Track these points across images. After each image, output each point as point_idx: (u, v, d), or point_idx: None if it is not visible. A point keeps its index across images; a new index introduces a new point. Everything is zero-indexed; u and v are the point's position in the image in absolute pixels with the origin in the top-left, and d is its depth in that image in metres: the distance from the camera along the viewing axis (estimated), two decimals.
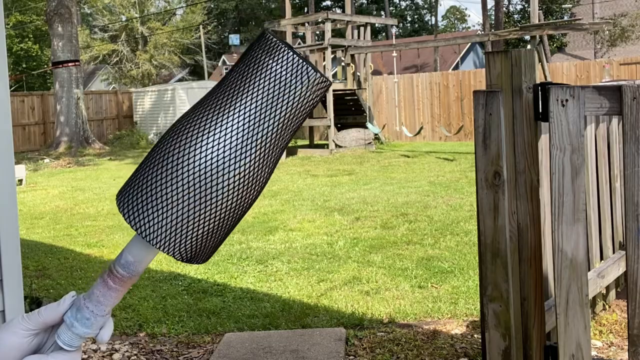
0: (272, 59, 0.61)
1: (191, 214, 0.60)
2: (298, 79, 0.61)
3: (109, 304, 0.65)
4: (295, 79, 0.61)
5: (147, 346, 3.71)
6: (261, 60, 0.61)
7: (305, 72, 0.61)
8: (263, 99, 0.60)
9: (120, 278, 0.65)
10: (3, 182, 2.22)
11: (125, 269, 0.64)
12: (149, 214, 0.60)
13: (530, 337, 2.42)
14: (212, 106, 0.61)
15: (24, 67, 34.74)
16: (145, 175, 0.62)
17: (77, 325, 0.65)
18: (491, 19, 34.59)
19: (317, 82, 0.61)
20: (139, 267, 0.65)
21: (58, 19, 18.68)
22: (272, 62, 0.61)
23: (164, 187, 0.60)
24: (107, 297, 0.65)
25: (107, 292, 0.65)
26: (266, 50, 0.61)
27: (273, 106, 0.60)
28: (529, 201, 2.39)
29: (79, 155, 17.92)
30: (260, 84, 0.61)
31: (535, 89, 2.37)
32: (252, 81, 0.61)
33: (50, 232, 7.31)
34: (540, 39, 14.39)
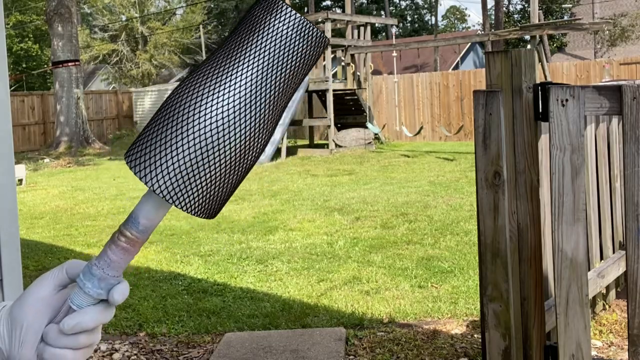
0: (275, 18, 0.63)
1: (203, 168, 0.62)
2: (301, 36, 0.63)
3: (122, 265, 0.66)
4: (298, 36, 0.63)
5: (147, 346, 3.71)
6: (264, 19, 0.64)
7: (308, 30, 0.63)
8: (269, 55, 0.63)
9: (134, 239, 0.65)
10: (3, 182, 2.22)
11: (134, 227, 0.65)
12: (160, 168, 0.62)
13: (530, 337, 2.42)
14: (219, 63, 0.64)
15: (24, 67, 34.74)
16: (154, 130, 0.63)
17: (89, 285, 0.66)
18: (491, 19, 34.59)
19: (319, 40, 0.64)
20: (148, 224, 0.65)
21: (58, 18, 18.68)
22: (275, 21, 0.63)
23: (173, 140, 0.62)
24: (117, 256, 0.66)
25: (117, 250, 0.66)
26: (268, 9, 0.64)
27: (278, 62, 0.63)
28: (529, 201, 2.39)
29: (79, 155, 17.92)
30: (265, 41, 0.63)
31: (535, 88, 2.37)
32: (257, 39, 0.63)
33: (50, 232, 7.31)
34: (540, 39, 14.39)
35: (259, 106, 0.63)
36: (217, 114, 0.62)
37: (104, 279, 0.66)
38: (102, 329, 0.74)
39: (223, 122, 0.61)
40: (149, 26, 34.14)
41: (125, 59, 33.23)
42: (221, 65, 0.63)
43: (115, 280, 0.67)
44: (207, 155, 0.62)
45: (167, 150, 0.62)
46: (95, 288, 0.66)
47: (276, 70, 0.63)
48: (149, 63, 33.27)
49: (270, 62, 0.63)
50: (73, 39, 19.00)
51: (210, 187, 0.63)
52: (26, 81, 34.77)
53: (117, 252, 0.66)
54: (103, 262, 0.66)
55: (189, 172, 0.62)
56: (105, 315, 0.67)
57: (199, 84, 0.63)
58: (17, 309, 0.68)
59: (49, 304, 0.68)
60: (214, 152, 0.62)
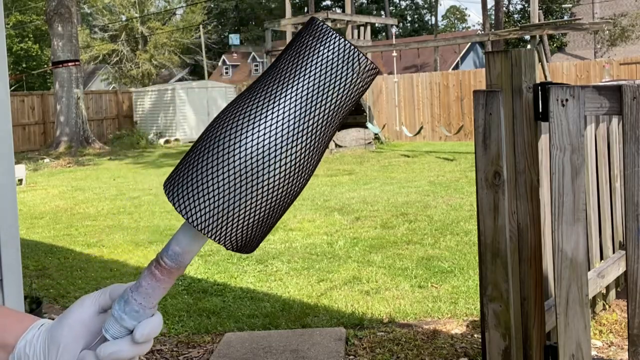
0: (322, 45, 0.60)
1: (242, 201, 0.59)
2: (349, 65, 0.60)
3: (156, 295, 0.65)
4: (346, 65, 0.60)
5: None
6: (311, 46, 0.61)
7: (356, 58, 0.60)
8: (314, 84, 0.60)
9: (168, 269, 0.64)
10: (3, 182, 2.22)
11: (172, 260, 0.63)
12: (198, 201, 0.59)
13: (530, 337, 2.42)
14: (262, 92, 0.61)
15: (24, 67, 34.74)
16: (195, 162, 0.61)
17: (126, 318, 0.64)
18: (491, 19, 34.58)
19: (367, 69, 0.61)
20: (186, 257, 0.64)
21: (58, 18, 18.68)
22: (322, 48, 0.60)
23: (215, 174, 0.59)
24: (154, 289, 0.64)
25: (155, 283, 0.64)
26: (316, 36, 0.61)
27: (324, 92, 0.60)
28: (529, 201, 2.39)
29: (79, 155, 17.92)
30: (311, 69, 0.60)
31: (535, 88, 2.37)
32: (302, 67, 0.60)
33: (50, 232, 7.31)
34: (540, 39, 14.39)
35: (302, 137, 0.59)
36: (256, 146, 0.58)
37: (137, 310, 0.64)
38: None
39: (263, 155, 0.58)
40: (149, 26, 34.15)
41: (125, 59, 33.23)
42: (264, 93, 0.61)
43: (148, 313, 0.65)
44: (245, 189, 0.59)
45: (205, 181, 0.59)
46: (132, 320, 0.64)
47: (321, 99, 0.60)
48: (149, 63, 33.27)
49: (314, 90, 0.60)
50: (73, 39, 19.00)
51: (253, 222, 0.60)
52: (26, 81, 34.77)
53: (154, 283, 0.64)
54: (140, 293, 0.64)
55: (228, 205, 0.59)
56: (137, 350, 0.65)
57: (240, 113, 0.60)
58: (56, 329, 0.66)
59: (88, 328, 0.66)
60: (253, 185, 0.59)
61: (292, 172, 0.60)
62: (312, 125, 0.60)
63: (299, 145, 0.59)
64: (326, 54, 0.60)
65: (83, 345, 0.66)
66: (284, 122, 0.59)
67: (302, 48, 0.61)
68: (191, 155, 0.62)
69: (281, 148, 0.59)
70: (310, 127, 0.60)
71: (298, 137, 0.59)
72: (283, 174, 0.59)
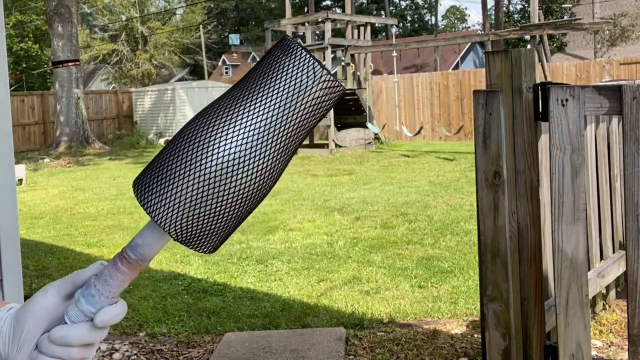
0: (287, 58, 0.64)
1: (206, 205, 0.62)
2: (305, 74, 0.63)
3: (115, 285, 0.66)
4: (303, 75, 0.63)
5: (147, 346, 3.71)
6: (279, 59, 0.64)
7: (311, 67, 0.63)
8: (279, 96, 0.63)
9: (129, 261, 0.66)
10: (3, 182, 2.22)
11: (134, 252, 0.66)
12: (164, 201, 0.63)
13: (530, 337, 2.42)
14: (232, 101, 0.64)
15: (24, 67, 34.74)
16: (165, 164, 0.64)
17: (82, 301, 0.67)
18: (491, 19, 34.59)
19: (324, 79, 0.64)
20: (147, 251, 0.66)
21: (58, 18, 18.68)
22: (287, 60, 0.64)
23: (180, 174, 0.62)
24: (114, 278, 0.66)
25: (115, 272, 0.66)
26: (284, 50, 0.64)
27: (290, 106, 0.63)
28: (529, 201, 2.39)
29: (79, 155, 17.92)
30: (276, 82, 0.63)
31: (535, 88, 2.37)
32: (269, 80, 0.64)
33: (50, 232, 7.31)
34: (540, 39, 14.39)
35: (269, 148, 0.63)
36: (226, 152, 0.62)
37: (98, 298, 0.66)
38: None
39: (231, 162, 0.62)
40: (149, 26, 34.15)
41: (125, 59, 33.23)
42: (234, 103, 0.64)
43: (109, 301, 0.67)
44: (212, 193, 0.62)
45: (174, 183, 0.62)
46: (88, 305, 0.66)
47: (287, 114, 0.63)
48: (149, 63, 33.27)
49: (282, 104, 0.63)
50: (73, 39, 19.00)
51: (213, 223, 0.63)
52: (26, 81, 34.77)
53: (114, 272, 0.66)
54: (100, 280, 0.67)
55: (193, 207, 0.62)
56: (93, 335, 0.67)
57: (212, 120, 0.63)
58: (21, 313, 0.69)
59: (51, 313, 0.69)
60: (220, 190, 0.62)
61: (259, 180, 0.63)
62: (278, 137, 0.63)
63: (265, 155, 0.63)
64: (289, 65, 0.63)
65: (44, 330, 0.68)
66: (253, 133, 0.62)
67: (270, 62, 0.65)
68: (161, 157, 0.65)
69: (247, 157, 0.62)
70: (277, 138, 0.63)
71: (264, 147, 0.63)
72: (247, 180, 0.63)
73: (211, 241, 0.65)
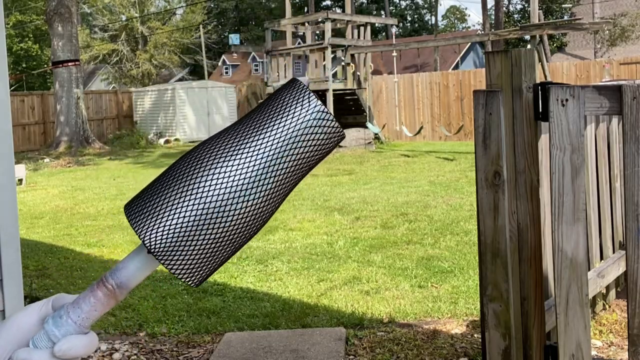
0: (298, 103, 0.65)
1: (199, 234, 0.62)
2: (321, 127, 0.65)
3: (85, 310, 0.63)
4: (318, 127, 0.65)
5: (147, 346, 3.71)
6: (288, 102, 0.66)
7: (329, 122, 0.65)
8: (285, 139, 0.65)
9: (106, 285, 0.64)
10: (3, 182, 2.22)
11: (113, 277, 0.64)
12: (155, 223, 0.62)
13: (530, 337, 2.42)
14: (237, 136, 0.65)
15: (24, 66, 34.74)
16: (159, 188, 0.64)
17: (50, 322, 0.63)
18: (491, 19, 34.59)
19: (337, 133, 0.66)
20: (127, 278, 0.64)
21: (58, 18, 18.68)
22: (298, 106, 0.65)
23: (176, 202, 0.62)
24: (86, 303, 0.63)
25: (89, 297, 0.64)
26: (294, 94, 0.66)
27: (293, 146, 0.65)
28: (529, 201, 2.39)
29: (79, 154, 17.92)
30: (285, 124, 0.65)
31: (535, 88, 2.37)
32: (277, 120, 0.65)
33: (50, 232, 7.31)
34: (540, 39, 14.39)
35: (269, 184, 0.64)
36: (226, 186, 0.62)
37: (65, 321, 0.63)
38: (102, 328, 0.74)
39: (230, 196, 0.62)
40: (149, 26, 34.15)
41: (125, 59, 33.23)
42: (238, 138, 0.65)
43: (77, 329, 0.63)
44: (208, 225, 0.62)
45: (169, 210, 0.62)
46: (53, 327, 0.63)
47: (290, 156, 0.65)
48: (149, 63, 33.28)
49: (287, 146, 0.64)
50: (73, 38, 19.00)
51: (204, 255, 0.63)
52: (26, 81, 34.77)
53: (88, 297, 0.64)
54: (73, 307, 0.64)
55: (188, 237, 0.62)
56: None
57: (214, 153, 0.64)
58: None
59: (24, 333, 0.65)
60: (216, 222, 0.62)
61: (251, 215, 0.64)
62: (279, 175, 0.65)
63: (266, 190, 0.64)
64: (306, 118, 0.65)
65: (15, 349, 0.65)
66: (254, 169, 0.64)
67: (279, 103, 0.66)
68: (159, 182, 0.65)
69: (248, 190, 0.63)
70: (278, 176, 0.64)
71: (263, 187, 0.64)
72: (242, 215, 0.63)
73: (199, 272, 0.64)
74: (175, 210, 0.62)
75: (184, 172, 0.64)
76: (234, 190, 0.62)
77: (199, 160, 0.64)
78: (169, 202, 0.63)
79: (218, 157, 0.64)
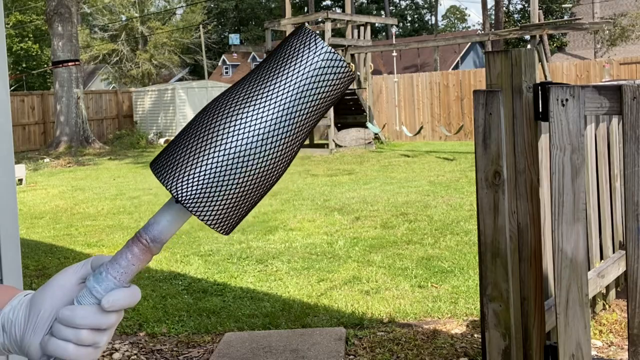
0: (314, 53, 0.67)
1: (225, 180, 0.64)
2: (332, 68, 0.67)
3: (123, 265, 0.66)
4: (329, 68, 0.67)
5: (147, 346, 3.71)
6: (297, 47, 0.67)
7: (339, 63, 0.67)
8: (301, 84, 0.66)
9: (140, 241, 0.66)
10: (3, 181, 2.22)
11: (147, 232, 0.66)
12: (184, 176, 0.64)
13: (530, 337, 2.42)
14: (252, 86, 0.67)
15: (24, 66, 34.74)
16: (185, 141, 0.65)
17: (91, 279, 0.66)
18: (491, 19, 34.59)
19: (347, 74, 0.68)
20: (160, 231, 0.66)
21: (58, 18, 18.68)
22: (309, 52, 0.67)
23: (202, 153, 0.64)
24: (123, 259, 0.66)
25: (126, 253, 0.66)
26: (302, 39, 0.67)
27: (307, 88, 0.66)
28: (529, 201, 2.39)
29: (79, 154, 17.92)
30: (296, 68, 0.66)
31: (535, 88, 2.37)
32: (288, 66, 0.67)
33: (50, 232, 7.31)
34: (540, 39, 14.39)
35: (288, 129, 0.65)
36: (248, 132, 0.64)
37: (105, 277, 0.66)
38: None
39: (253, 141, 0.64)
40: (149, 26, 34.15)
41: (125, 59, 33.23)
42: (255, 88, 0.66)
43: (119, 284, 0.66)
44: (233, 171, 0.64)
45: (196, 161, 0.64)
46: (95, 283, 0.66)
47: (305, 98, 0.66)
48: (149, 63, 33.27)
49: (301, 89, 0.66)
50: (73, 38, 19.00)
51: (233, 201, 0.65)
52: (26, 81, 34.77)
53: (125, 253, 0.66)
54: (112, 264, 0.67)
55: (215, 185, 0.63)
56: (100, 318, 0.65)
57: (233, 103, 0.66)
58: (37, 295, 0.68)
59: (68, 295, 0.68)
60: (241, 168, 0.64)
61: (275, 160, 0.66)
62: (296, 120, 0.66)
63: (286, 136, 0.66)
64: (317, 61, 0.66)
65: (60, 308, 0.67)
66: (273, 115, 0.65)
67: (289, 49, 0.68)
68: (182, 136, 0.66)
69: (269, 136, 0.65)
70: (296, 120, 0.66)
71: (284, 132, 0.65)
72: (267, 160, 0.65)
73: (228, 219, 0.66)
74: (200, 161, 0.64)
75: (206, 123, 0.65)
76: (254, 136, 0.64)
77: (219, 110, 0.66)
78: (193, 154, 0.64)
79: (237, 105, 0.65)
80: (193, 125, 0.66)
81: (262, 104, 0.65)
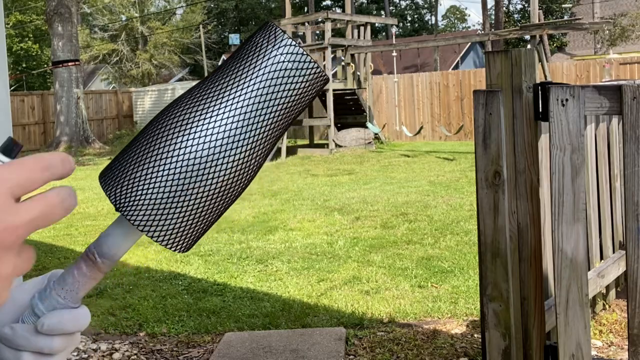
0: (274, 48, 0.59)
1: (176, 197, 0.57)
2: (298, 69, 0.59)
3: (69, 282, 0.60)
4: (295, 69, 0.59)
5: (147, 346, 3.71)
6: (263, 47, 0.60)
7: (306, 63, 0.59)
8: (263, 86, 0.59)
9: (89, 256, 0.60)
10: None
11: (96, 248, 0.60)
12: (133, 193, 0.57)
13: (530, 337, 2.42)
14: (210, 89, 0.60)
15: (24, 66, 34.74)
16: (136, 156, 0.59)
17: (36, 296, 0.60)
18: (491, 19, 34.60)
19: (316, 75, 0.60)
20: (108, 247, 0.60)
21: (58, 18, 18.68)
22: (274, 50, 0.59)
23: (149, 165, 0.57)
24: (69, 275, 0.60)
25: (73, 269, 0.60)
26: (269, 39, 0.60)
27: (272, 94, 0.59)
28: (529, 201, 2.39)
29: (79, 154, 17.92)
30: (262, 71, 0.59)
31: (535, 88, 2.37)
32: (253, 67, 0.59)
33: (50, 232, 7.31)
34: (540, 39, 14.39)
35: (247, 139, 0.58)
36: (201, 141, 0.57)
37: (52, 299, 0.59)
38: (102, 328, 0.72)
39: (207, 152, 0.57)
40: (149, 26, 34.15)
41: (125, 59, 33.23)
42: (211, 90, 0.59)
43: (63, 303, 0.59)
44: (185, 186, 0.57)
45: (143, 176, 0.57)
46: (40, 305, 0.59)
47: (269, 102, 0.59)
48: (149, 63, 33.28)
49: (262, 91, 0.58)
50: (73, 38, 19.01)
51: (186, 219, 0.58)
52: (26, 81, 34.77)
53: (73, 273, 0.60)
54: (58, 280, 0.60)
55: (164, 200, 0.57)
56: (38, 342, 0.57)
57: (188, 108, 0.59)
58: None
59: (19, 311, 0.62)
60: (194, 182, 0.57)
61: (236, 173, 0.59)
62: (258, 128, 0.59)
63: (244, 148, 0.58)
64: (278, 57, 0.59)
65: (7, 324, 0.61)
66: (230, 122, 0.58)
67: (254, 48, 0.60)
68: (132, 149, 0.60)
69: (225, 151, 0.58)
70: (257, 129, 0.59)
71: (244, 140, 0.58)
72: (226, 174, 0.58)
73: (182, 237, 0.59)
74: (150, 177, 0.57)
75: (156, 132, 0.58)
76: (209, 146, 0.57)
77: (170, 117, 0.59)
78: (140, 166, 0.58)
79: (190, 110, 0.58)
80: (144, 133, 0.59)
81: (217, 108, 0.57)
